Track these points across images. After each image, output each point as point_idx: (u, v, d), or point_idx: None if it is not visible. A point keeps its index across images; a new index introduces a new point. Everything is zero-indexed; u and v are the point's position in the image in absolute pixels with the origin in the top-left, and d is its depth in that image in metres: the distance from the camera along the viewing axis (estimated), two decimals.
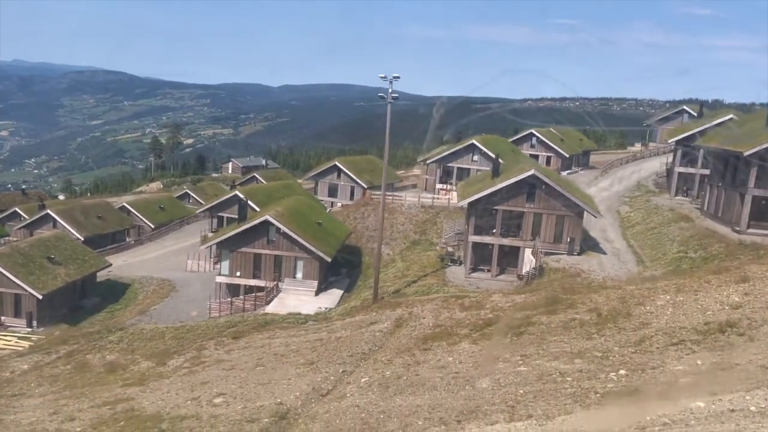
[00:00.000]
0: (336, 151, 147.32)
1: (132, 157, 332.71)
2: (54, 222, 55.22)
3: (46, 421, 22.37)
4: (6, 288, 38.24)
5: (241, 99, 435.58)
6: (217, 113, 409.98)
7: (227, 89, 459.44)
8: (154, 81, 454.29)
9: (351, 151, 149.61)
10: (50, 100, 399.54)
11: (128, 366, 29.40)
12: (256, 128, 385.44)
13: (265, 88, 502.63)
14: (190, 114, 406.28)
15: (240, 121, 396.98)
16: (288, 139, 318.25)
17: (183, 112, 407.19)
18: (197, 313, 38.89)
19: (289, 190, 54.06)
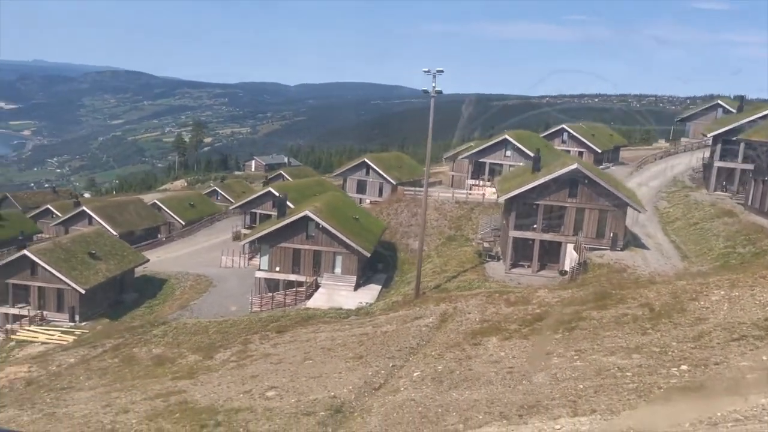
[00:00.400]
0: (357, 148, 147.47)
1: (152, 156, 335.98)
2: (89, 219, 55.96)
3: (100, 414, 22.67)
4: (49, 283, 38.82)
5: (259, 98, 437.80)
6: (235, 112, 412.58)
7: (245, 88, 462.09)
8: (173, 81, 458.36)
9: (370, 148, 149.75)
10: (72, 99, 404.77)
11: (176, 359, 29.71)
12: (273, 127, 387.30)
13: (283, 87, 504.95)
14: (209, 113, 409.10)
15: (258, 120, 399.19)
16: (305, 137, 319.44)
17: (201, 111, 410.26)
18: (237, 308, 39.19)
19: (321, 186, 54.21)
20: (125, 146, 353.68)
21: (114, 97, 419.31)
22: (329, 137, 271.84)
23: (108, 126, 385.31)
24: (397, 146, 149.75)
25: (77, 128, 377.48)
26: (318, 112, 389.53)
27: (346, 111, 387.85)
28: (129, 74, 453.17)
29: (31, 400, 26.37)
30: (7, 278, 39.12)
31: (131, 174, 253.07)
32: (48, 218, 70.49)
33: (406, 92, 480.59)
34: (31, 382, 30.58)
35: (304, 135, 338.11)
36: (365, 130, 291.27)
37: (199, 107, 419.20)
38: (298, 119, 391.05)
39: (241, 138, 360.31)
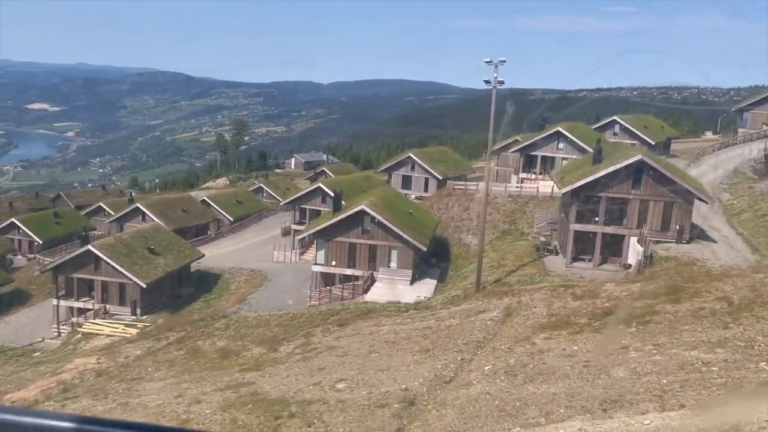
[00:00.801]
0: (394, 145, 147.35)
1: (190, 155, 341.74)
2: (143, 215, 57.21)
3: (173, 404, 23.03)
4: (112, 277, 39.79)
5: (293, 97, 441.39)
6: (270, 111, 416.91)
7: (279, 87, 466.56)
8: (210, 81, 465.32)
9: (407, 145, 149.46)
10: (113, 101, 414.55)
11: (240, 352, 30.08)
12: (308, 125, 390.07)
13: (316, 86, 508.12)
14: (245, 112, 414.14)
15: (292, 118, 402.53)
16: (339, 135, 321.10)
17: (237, 111, 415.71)
18: (294, 302, 39.55)
19: (368, 182, 54.31)
20: (164, 146, 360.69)
21: (153, 98, 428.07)
22: (363, 135, 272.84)
23: (147, 126, 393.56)
24: (435, 142, 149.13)
25: (118, 129, 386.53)
26: (351, 110, 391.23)
27: (379, 108, 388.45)
28: (167, 75, 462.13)
29: (103, 391, 27.03)
30: (71, 273, 40.25)
31: (170, 173, 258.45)
32: (100, 215, 72.38)
33: (440, 88, 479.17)
34: (101, 373, 31.35)
35: (338, 133, 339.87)
36: (399, 126, 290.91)
37: (235, 107, 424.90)
38: (332, 117, 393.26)
39: (276, 136, 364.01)
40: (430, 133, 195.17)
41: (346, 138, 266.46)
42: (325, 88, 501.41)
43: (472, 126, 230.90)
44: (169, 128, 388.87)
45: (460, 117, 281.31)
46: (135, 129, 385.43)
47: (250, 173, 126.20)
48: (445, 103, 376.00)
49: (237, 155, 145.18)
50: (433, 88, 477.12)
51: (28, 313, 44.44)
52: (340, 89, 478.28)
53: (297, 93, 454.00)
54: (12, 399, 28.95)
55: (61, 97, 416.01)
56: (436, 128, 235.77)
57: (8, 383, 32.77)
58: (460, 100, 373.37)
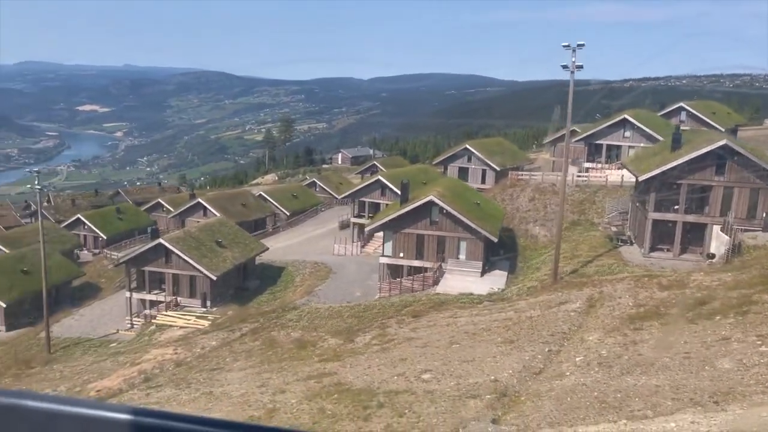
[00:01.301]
0: (440, 138, 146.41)
1: (234, 153, 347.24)
2: (204, 210, 58.21)
3: (257, 394, 23.17)
4: (182, 270, 40.56)
5: (334, 93, 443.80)
6: (311, 108, 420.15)
7: (320, 84, 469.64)
8: (252, 79, 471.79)
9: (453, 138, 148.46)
10: (159, 101, 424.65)
11: (317, 342, 30.16)
12: (349, 121, 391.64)
13: (356, 81, 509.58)
14: (286, 110, 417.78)
15: (333, 114, 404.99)
16: (380, 130, 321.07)
17: (279, 109, 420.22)
18: (361, 294, 39.57)
19: (426, 174, 53.92)
20: (209, 144, 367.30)
21: (197, 97, 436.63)
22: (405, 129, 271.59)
23: (192, 125, 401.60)
24: (482, 134, 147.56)
25: (164, 128, 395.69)
26: (392, 105, 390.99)
27: (420, 102, 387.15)
28: (210, 74, 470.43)
29: (185, 380, 27.45)
30: (143, 266, 41.19)
31: (215, 171, 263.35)
32: (159, 211, 74.07)
33: (482, 81, 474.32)
34: (179, 364, 31.89)
35: (379, 128, 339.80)
36: (441, 120, 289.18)
37: (277, 104, 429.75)
38: (373, 112, 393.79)
39: (318, 133, 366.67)
40: (476, 125, 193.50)
41: (387, 133, 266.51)
42: (366, 83, 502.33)
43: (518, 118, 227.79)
44: (213, 127, 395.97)
45: (505, 109, 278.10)
46: (180, 128, 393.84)
47: (297, 169, 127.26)
48: (487, 96, 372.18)
49: (284, 151, 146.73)
50: (474, 81, 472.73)
51: (102, 305, 45.71)
52: (380, 84, 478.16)
53: (337, 89, 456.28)
54: (96, 388, 29.72)
55: (109, 99, 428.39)
56: (481, 121, 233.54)
57: (90, 372, 33.68)
58: (504, 93, 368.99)
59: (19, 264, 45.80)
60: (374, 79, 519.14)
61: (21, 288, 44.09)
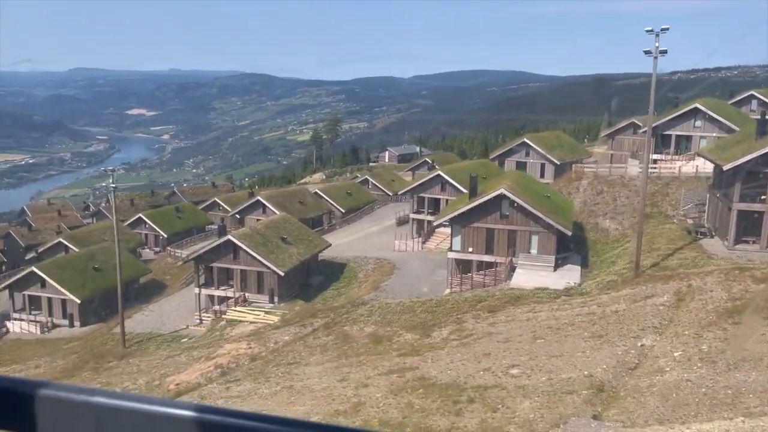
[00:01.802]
0: (489, 133, 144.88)
1: (277, 153, 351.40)
2: (263, 208, 58.82)
3: (339, 388, 22.98)
4: (250, 266, 40.97)
5: (374, 92, 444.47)
6: (352, 108, 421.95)
7: (361, 84, 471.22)
8: (293, 81, 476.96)
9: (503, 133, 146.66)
10: (203, 104, 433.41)
11: (392, 337, 29.89)
12: (389, 120, 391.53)
13: (397, 80, 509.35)
14: (327, 110, 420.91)
15: (374, 114, 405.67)
16: (421, 129, 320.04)
17: (321, 109, 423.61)
18: (428, 289, 39.23)
19: (486, 168, 53.16)
20: (252, 145, 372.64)
21: (240, 99, 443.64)
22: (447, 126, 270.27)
23: (236, 127, 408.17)
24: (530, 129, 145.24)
25: (209, 131, 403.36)
26: (433, 103, 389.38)
27: (461, 100, 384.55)
28: (253, 77, 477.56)
29: (263, 374, 27.55)
30: (211, 262, 41.77)
31: (258, 171, 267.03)
32: (215, 210, 75.32)
33: (524, 77, 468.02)
34: (254, 358, 32.09)
35: (420, 126, 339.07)
36: (483, 117, 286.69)
37: (318, 105, 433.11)
38: (413, 111, 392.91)
39: (359, 132, 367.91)
40: (520, 121, 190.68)
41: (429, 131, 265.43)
42: (406, 82, 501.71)
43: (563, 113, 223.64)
44: (256, 128, 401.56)
45: (549, 105, 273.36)
46: (225, 130, 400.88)
47: (345, 168, 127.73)
48: (530, 91, 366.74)
49: (330, 151, 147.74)
50: (516, 77, 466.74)
51: (170, 301, 46.58)
52: (420, 82, 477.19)
53: (378, 89, 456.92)
54: (175, 382, 30.14)
55: (156, 102, 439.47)
56: (525, 117, 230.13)
57: (166, 367, 34.25)
58: (546, 88, 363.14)
59: (90, 262, 47.11)
60: (415, 77, 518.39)
61: (93, 285, 45.34)
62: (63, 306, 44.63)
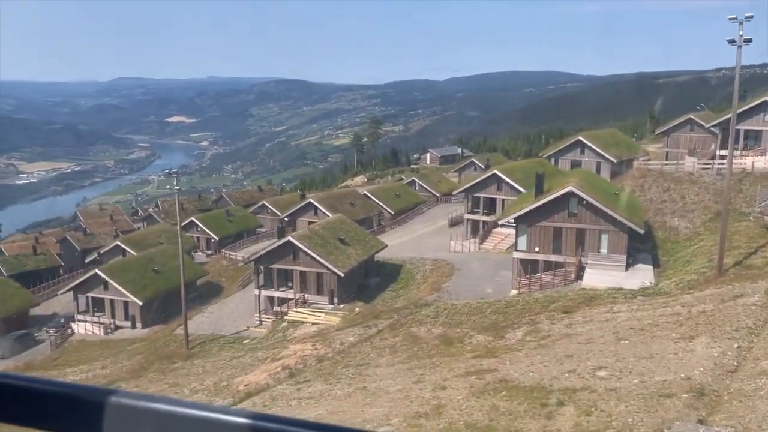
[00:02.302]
0: (533, 134, 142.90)
1: (313, 158, 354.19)
2: (315, 209, 58.82)
3: (415, 389, 22.36)
4: (309, 267, 40.81)
5: (409, 96, 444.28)
6: (387, 111, 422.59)
7: (396, 87, 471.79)
8: (329, 85, 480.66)
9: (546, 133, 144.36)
10: (241, 110, 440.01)
11: (463, 339, 29.19)
12: (424, 123, 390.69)
13: (432, 83, 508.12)
14: (362, 114, 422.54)
15: (409, 117, 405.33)
16: (458, 130, 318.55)
17: (356, 113, 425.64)
18: (492, 290, 38.42)
19: (542, 167, 52.01)
20: (289, 151, 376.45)
21: (277, 105, 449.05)
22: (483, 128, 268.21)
23: (273, 133, 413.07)
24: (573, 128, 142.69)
25: (247, 137, 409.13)
26: (469, 105, 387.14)
27: (497, 101, 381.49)
28: (289, 83, 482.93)
29: (332, 375, 27.16)
30: (271, 263, 41.76)
31: (296, 176, 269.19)
32: (264, 213, 75.83)
33: (561, 77, 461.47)
34: (321, 359, 31.79)
35: (456, 129, 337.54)
36: (521, 118, 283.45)
37: (354, 109, 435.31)
38: (449, 113, 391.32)
39: (394, 136, 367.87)
40: (562, 120, 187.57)
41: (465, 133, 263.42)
42: (441, 84, 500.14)
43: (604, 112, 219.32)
44: (292, 133, 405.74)
45: (589, 104, 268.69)
46: (262, 136, 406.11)
47: (386, 170, 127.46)
48: (568, 91, 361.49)
49: (371, 153, 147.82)
50: (552, 78, 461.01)
51: (228, 303, 46.80)
52: (456, 85, 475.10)
53: (413, 92, 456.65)
54: (243, 383, 30.05)
55: (195, 109, 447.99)
56: (565, 116, 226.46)
57: (232, 368, 34.25)
58: (585, 88, 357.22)
59: (149, 264, 47.71)
60: (450, 80, 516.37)
61: (154, 287, 45.86)
62: (125, 308, 45.27)
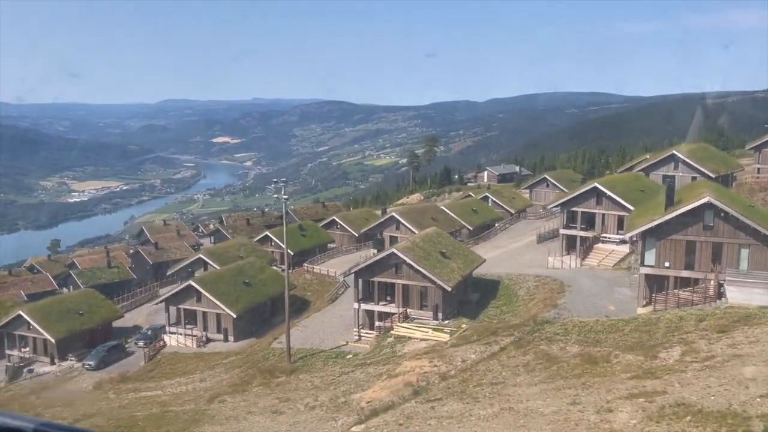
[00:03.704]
0: (591, 152, 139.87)
1: (354, 178, 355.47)
2: (397, 224, 57.45)
3: (574, 411, 20.29)
4: (413, 281, 39.19)
5: (450, 117, 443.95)
6: (428, 132, 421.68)
7: (436, 108, 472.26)
8: (370, 107, 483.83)
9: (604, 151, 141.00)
10: (284, 131, 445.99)
11: (609, 358, 27.02)
12: (466, 143, 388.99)
13: (472, 104, 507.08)
14: (404, 135, 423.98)
15: (450, 138, 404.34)
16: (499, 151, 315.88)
17: (397, 134, 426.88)
18: (614, 308, 36.17)
19: (640, 181, 49.72)
20: (331, 170, 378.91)
21: (319, 126, 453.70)
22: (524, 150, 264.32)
23: (315, 153, 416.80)
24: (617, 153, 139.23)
25: (290, 157, 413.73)
26: (510, 126, 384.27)
27: (538, 122, 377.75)
28: (331, 104, 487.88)
29: (465, 394, 25.33)
30: (371, 277, 40.31)
31: (336, 196, 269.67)
32: (333, 228, 74.86)
33: (603, 98, 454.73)
34: (444, 377, 29.97)
35: (498, 149, 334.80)
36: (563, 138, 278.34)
37: (395, 130, 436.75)
38: (491, 134, 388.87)
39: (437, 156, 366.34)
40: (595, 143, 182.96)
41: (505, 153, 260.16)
42: (482, 105, 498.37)
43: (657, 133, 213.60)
44: (334, 153, 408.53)
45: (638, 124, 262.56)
46: (304, 156, 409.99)
47: (443, 188, 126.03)
48: (613, 112, 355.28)
49: (426, 171, 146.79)
50: (595, 99, 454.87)
51: (320, 317, 45.46)
52: (497, 105, 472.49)
53: (454, 113, 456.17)
54: (365, 399, 28.39)
55: (240, 130, 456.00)
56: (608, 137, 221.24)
57: (343, 383, 32.63)
58: (631, 108, 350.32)
59: (239, 276, 46.84)
60: (491, 101, 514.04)
61: (246, 300, 44.88)
62: (217, 320, 44.32)
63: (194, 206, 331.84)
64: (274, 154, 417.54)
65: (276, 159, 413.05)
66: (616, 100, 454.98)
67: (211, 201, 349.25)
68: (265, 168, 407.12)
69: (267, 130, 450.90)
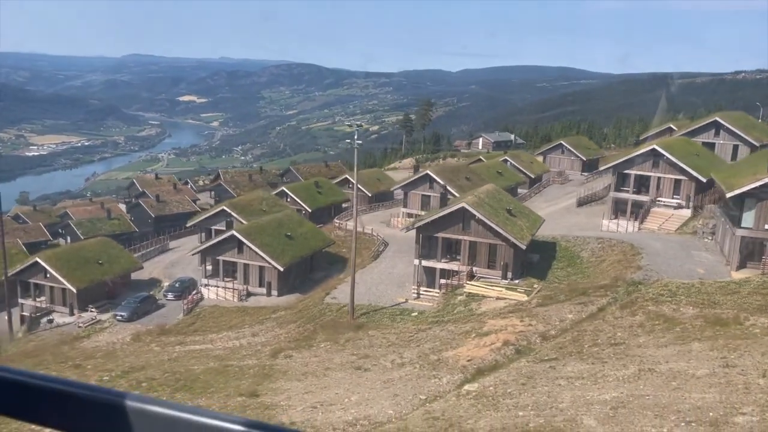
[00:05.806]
0: (585, 124, 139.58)
1: (323, 143, 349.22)
2: (431, 182, 54.99)
3: (732, 374, 18.72)
4: (482, 238, 36.97)
5: (422, 85, 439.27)
6: (399, 100, 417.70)
7: (408, 76, 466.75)
8: (341, 71, 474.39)
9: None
10: (252, 92, 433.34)
11: (739, 320, 25.46)
12: (437, 113, 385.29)
13: (445, 74, 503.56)
14: (374, 102, 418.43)
15: (421, 107, 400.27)
16: (471, 123, 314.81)
17: (368, 100, 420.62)
18: (704, 270, 34.82)
19: (694, 146, 48.42)
20: (299, 135, 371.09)
21: (289, 89, 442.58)
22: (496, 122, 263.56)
23: (284, 116, 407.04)
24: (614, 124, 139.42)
25: (257, 119, 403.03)
26: (481, 97, 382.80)
27: (510, 95, 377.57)
28: (302, 67, 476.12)
29: (585, 354, 23.52)
30: (435, 233, 37.85)
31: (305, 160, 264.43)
32: (345, 187, 71.83)
33: (574, 74, 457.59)
34: (545, 336, 28.12)
35: (470, 120, 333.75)
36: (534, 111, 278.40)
37: (366, 96, 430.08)
38: (462, 105, 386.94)
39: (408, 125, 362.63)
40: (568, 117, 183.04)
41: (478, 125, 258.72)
42: (454, 76, 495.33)
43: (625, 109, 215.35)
44: (303, 118, 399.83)
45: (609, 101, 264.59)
46: (272, 119, 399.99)
47: (437, 153, 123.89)
48: (583, 88, 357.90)
49: (418, 136, 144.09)
50: (565, 74, 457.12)
51: (366, 274, 42.80)
52: (469, 76, 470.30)
53: (426, 81, 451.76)
54: (465, 357, 26.29)
55: (207, 89, 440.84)
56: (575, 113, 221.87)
57: (426, 341, 30.36)
58: (601, 85, 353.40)
59: (280, 229, 43.63)
60: (463, 72, 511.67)
61: (291, 253, 41.84)
62: (260, 273, 41.19)
63: (159, 165, 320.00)
64: (241, 116, 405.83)
65: (243, 120, 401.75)
66: (586, 76, 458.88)
67: (176, 160, 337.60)
68: (232, 129, 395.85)
69: (234, 91, 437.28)
